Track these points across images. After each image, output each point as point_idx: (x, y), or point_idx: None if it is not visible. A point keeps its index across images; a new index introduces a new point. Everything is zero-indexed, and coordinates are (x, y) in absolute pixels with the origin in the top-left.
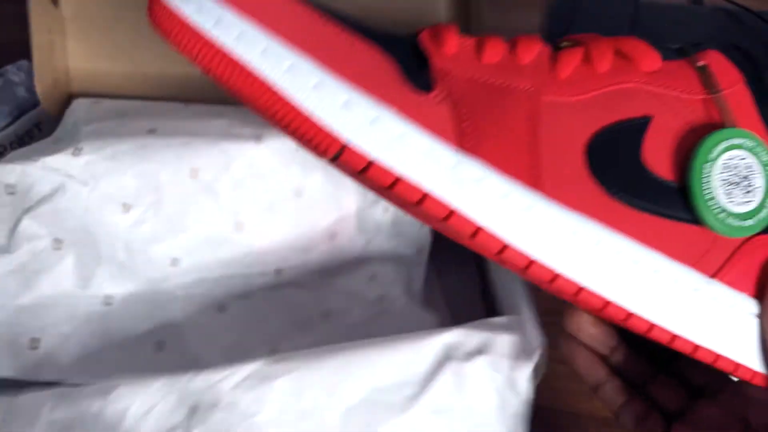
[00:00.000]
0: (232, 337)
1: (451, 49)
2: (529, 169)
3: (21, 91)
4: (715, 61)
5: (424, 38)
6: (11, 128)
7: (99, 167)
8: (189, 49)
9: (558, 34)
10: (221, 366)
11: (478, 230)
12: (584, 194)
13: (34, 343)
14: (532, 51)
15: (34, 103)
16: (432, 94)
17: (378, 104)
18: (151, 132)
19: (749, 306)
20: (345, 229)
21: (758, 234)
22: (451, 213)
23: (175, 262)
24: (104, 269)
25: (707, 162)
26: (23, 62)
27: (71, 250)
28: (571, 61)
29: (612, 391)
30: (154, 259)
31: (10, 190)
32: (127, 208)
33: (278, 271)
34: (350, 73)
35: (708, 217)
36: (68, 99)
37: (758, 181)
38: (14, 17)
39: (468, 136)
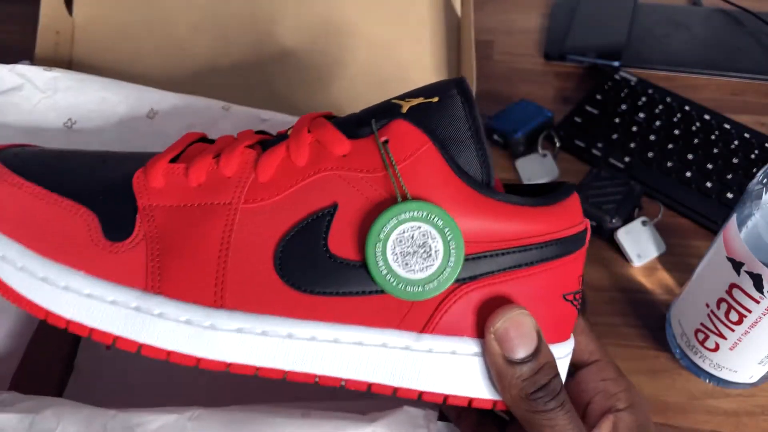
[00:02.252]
0: None
1: (157, 183)
2: (211, 289)
3: None
4: (397, 133)
5: (134, 181)
6: None
7: (63, 84)
8: None
9: (558, 34)
10: (142, 410)
11: (169, 353)
12: (272, 297)
13: None
14: (234, 160)
15: None
16: (127, 241)
17: (69, 270)
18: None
19: (472, 347)
20: None
21: (462, 284)
22: (141, 346)
23: None
24: None
25: (379, 241)
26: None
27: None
28: (271, 161)
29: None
30: None
31: None
32: (71, 123)
33: None
34: (46, 248)
35: (388, 289)
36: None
37: (437, 245)
38: (15, 17)
39: (153, 275)
